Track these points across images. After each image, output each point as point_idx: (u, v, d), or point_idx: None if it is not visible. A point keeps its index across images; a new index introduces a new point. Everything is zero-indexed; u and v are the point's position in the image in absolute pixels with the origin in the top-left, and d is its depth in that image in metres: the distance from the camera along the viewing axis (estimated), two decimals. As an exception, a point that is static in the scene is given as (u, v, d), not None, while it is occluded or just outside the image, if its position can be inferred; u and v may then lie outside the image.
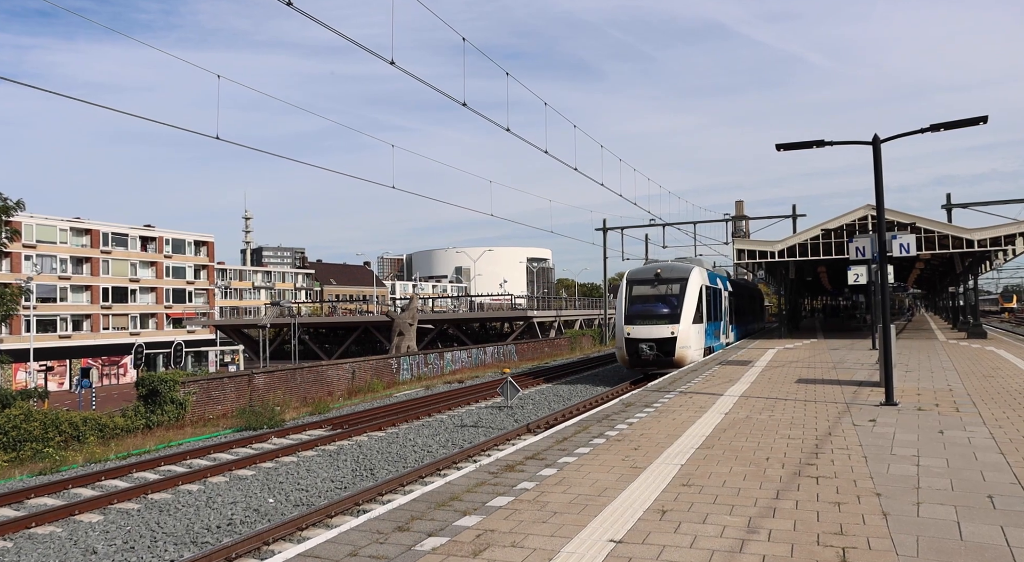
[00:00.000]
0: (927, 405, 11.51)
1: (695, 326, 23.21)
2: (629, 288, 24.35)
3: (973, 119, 11.48)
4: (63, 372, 69.69)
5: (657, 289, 23.85)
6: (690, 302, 23.16)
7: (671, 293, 23.47)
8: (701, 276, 24.49)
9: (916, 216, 27.22)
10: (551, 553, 5.15)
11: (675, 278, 23.77)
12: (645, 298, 23.84)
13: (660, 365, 22.68)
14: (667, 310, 23.04)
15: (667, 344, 22.59)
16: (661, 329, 22.71)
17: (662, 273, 24.09)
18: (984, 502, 6.11)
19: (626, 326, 23.31)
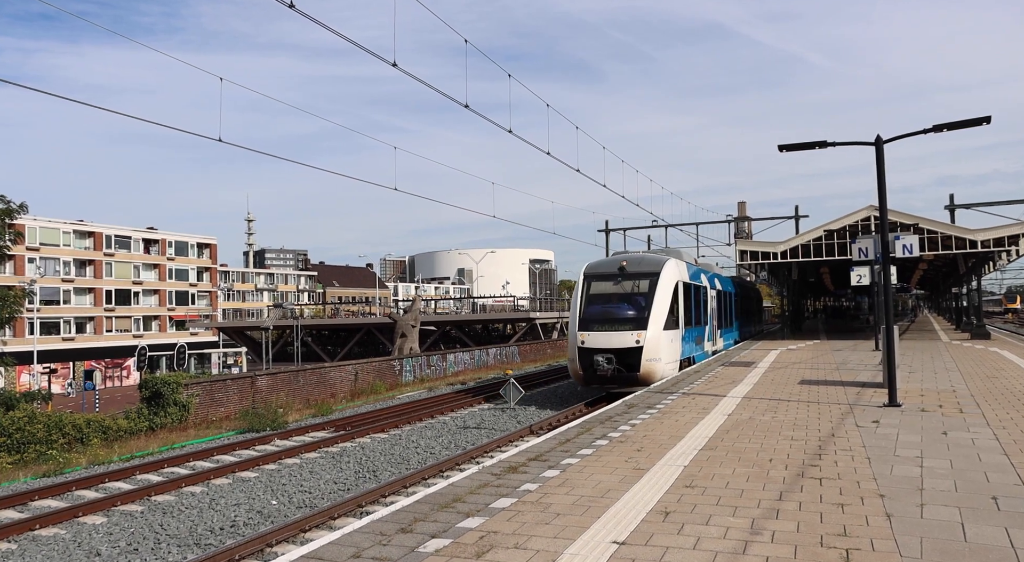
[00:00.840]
0: (931, 406, 11.49)
1: (668, 333, 18.97)
2: (586, 285, 20.06)
3: (976, 120, 11.46)
4: (66, 374, 69.82)
5: (621, 286, 19.57)
6: (661, 302, 18.90)
7: (638, 291, 19.23)
8: (678, 270, 20.46)
9: (919, 217, 27.18)
10: (554, 554, 5.15)
11: (644, 273, 19.52)
12: (605, 297, 19.52)
13: (622, 382, 18.44)
14: (632, 312, 18.80)
15: (630, 355, 18.29)
16: (623, 337, 18.40)
17: (628, 266, 19.77)
18: (988, 503, 6.09)
19: (580, 332, 18.96)
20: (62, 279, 75.55)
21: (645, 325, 18.43)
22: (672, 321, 19.37)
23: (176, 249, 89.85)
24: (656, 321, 18.63)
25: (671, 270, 19.93)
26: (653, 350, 18.27)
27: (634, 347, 18.24)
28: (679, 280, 20.18)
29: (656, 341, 18.41)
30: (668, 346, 19.00)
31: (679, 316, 20.04)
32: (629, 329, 18.48)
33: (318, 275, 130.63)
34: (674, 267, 20.23)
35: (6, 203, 23.73)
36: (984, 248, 26.50)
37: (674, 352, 19.59)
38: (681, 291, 20.23)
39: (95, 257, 79.45)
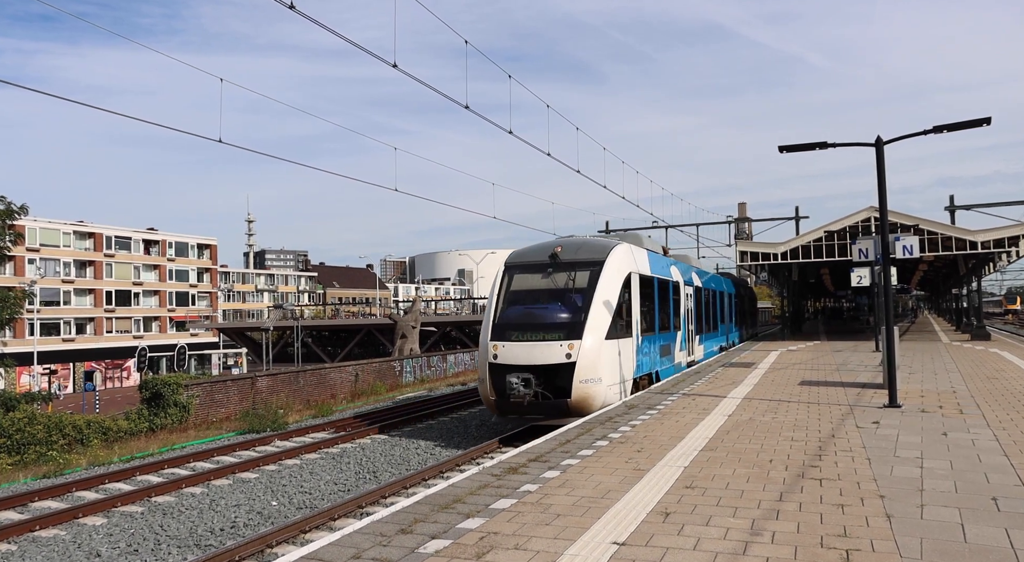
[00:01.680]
0: (931, 407, 11.49)
1: (613, 343, 14.37)
2: (506, 279, 15.36)
3: (976, 120, 11.46)
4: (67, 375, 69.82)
5: (551, 280, 14.84)
6: (605, 301, 14.28)
7: (573, 287, 14.50)
8: (631, 259, 15.84)
9: (919, 218, 27.19)
10: (554, 555, 5.15)
11: (583, 262, 14.85)
12: (529, 295, 14.87)
13: (547, 411, 13.74)
14: (563, 315, 14.11)
15: (558, 375, 13.59)
16: (548, 349, 13.69)
17: (562, 254, 15.06)
18: (988, 504, 6.09)
19: (492, 343, 14.19)
20: (62, 280, 75.58)
21: (580, 332, 13.69)
22: (621, 327, 14.75)
23: (176, 250, 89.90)
24: (596, 327, 13.88)
25: (621, 258, 15.25)
26: (590, 367, 13.53)
27: (563, 363, 13.52)
28: (633, 271, 15.57)
29: (595, 354, 13.64)
30: (613, 361, 14.28)
31: (633, 319, 15.46)
32: (557, 338, 13.76)
33: (318, 276, 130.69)
34: (625, 255, 15.59)
35: (6, 204, 23.75)
36: (984, 249, 26.51)
37: (623, 368, 14.77)
38: (636, 286, 15.79)
39: (95, 258, 79.48)
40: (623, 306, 15.01)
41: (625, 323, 15.15)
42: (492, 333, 14.40)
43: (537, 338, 13.95)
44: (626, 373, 15.02)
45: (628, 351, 15.23)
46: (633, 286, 15.69)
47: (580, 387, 13.48)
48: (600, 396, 13.66)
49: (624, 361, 14.92)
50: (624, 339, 15.01)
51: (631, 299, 15.53)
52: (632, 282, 15.63)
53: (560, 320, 14.11)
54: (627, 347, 15.19)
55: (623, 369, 14.83)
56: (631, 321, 15.47)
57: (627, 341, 15.21)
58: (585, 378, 13.51)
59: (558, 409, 13.62)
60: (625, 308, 15.19)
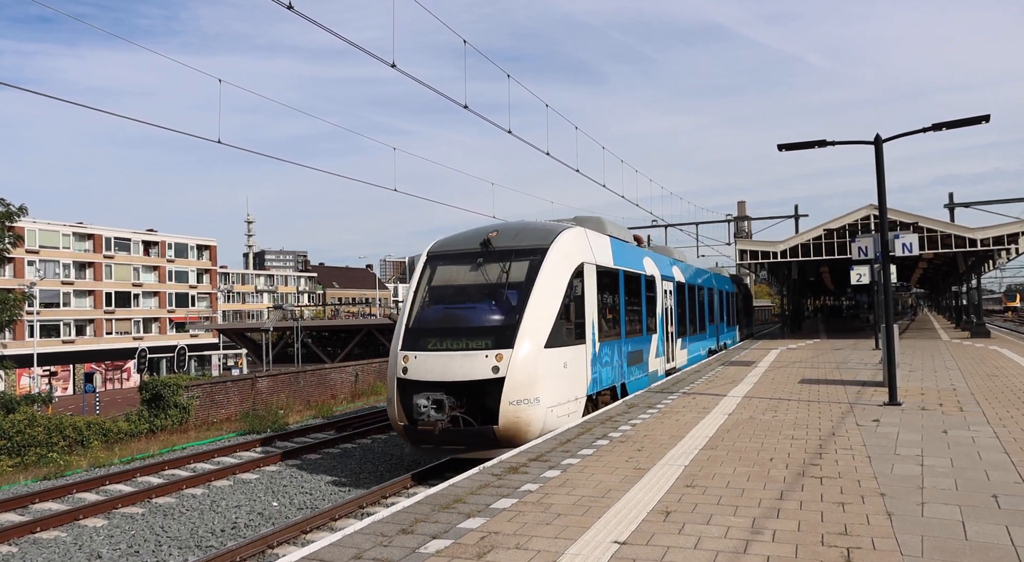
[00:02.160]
0: (931, 405, 11.49)
1: (558, 352, 11.53)
2: (427, 273, 12.73)
3: (975, 118, 11.47)
4: (67, 377, 69.82)
5: (481, 273, 12.19)
6: (545, 300, 11.52)
7: (507, 282, 11.87)
8: (583, 247, 12.95)
9: (918, 215, 27.21)
10: (555, 555, 5.15)
11: (522, 250, 12.15)
12: (453, 293, 12.28)
13: (468, 442, 11.03)
14: (493, 317, 11.46)
15: (482, 395, 11.01)
16: (470, 361, 10.99)
17: (497, 241, 12.42)
18: (989, 501, 6.10)
19: (402, 353, 11.53)
20: (62, 281, 75.56)
21: (511, 339, 10.95)
22: (569, 331, 11.97)
23: (176, 251, 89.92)
24: (533, 331, 11.11)
25: (570, 245, 12.49)
26: (524, 384, 10.76)
27: (489, 380, 10.79)
28: (587, 262, 12.79)
29: (531, 367, 10.88)
30: (557, 375, 11.43)
31: (587, 321, 12.58)
32: (483, 347, 11.01)
33: (318, 276, 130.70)
34: (577, 241, 12.83)
35: (6, 206, 23.75)
36: (984, 246, 26.52)
37: (572, 384, 11.93)
38: (593, 280, 12.96)
39: (95, 259, 79.47)
40: (572, 305, 12.10)
41: (575, 326, 12.16)
42: (403, 341, 11.66)
43: (458, 346, 11.13)
44: (577, 389, 12.07)
45: (579, 361, 12.24)
46: (588, 280, 12.75)
47: (510, 410, 10.61)
48: (537, 421, 10.79)
49: (573, 374, 11.97)
50: (573, 346, 12.02)
51: (584, 296, 12.57)
52: (586, 275, 12.71)
53: (487, 323, 11.33)
54: (578, 356, 12.17)
55: (572, 385, 11.90)
56: (584, 323, 12.49)
57: (577, 349, 12.18)
58: (517, 398, 10.64)
59: (481, 439, 10.80)
60: (575, 307, 12.23)
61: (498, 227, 13.11)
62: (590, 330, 12.79)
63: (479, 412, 11.09)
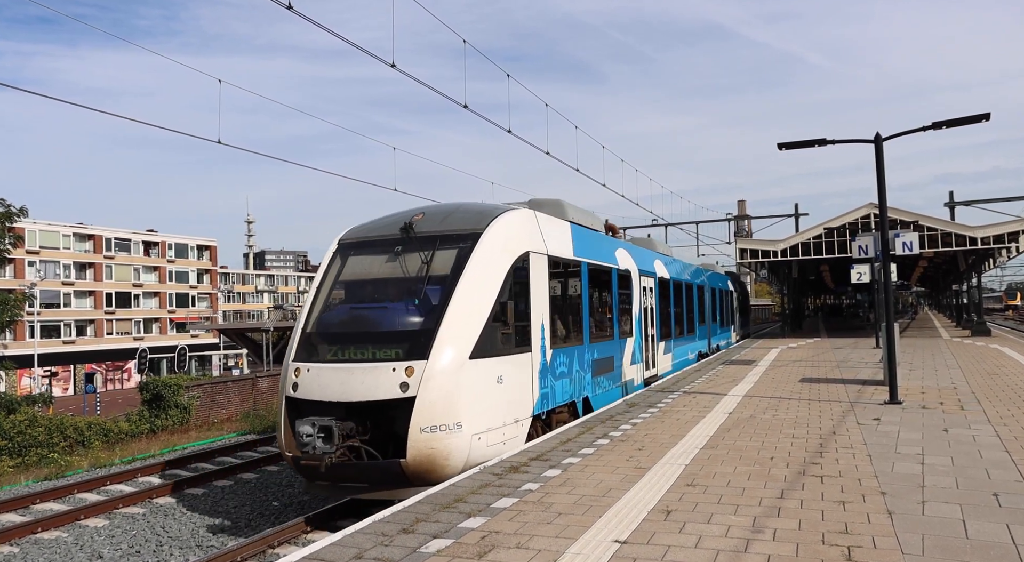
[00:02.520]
0: (931, 403, 11.49)
1: (488, 364, 9.26)
2: (336, 264, 10.65)
3: (975, 116, 11.46)
4: (67, 377, 69.85)
5: (399, 265, 9.99)
6: (474, 298, 9.34)
7: (428, 275, 9.69)
8: (529, 234, 10.72)
9: (919, 214, 27.21)
10: (556, 554, 5.15)
11: (449, 236, 9.98)
12: (364, 289, 10.22)
13: (370, 479, 8.75)
14: (406, 319, 9.34)
15: (390, 419, 8.86)
16: (373, 376, 8.78)
17: (420, 225, 10.27)
18: (989, 500, 6.10)
19: (294, 365, 9.41)
20: (62, 282, 75.60)
21: (426, 347, 8.72)
22: (506, 336, 9.67)
23: (176, 251, 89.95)
24: (455, 337, 8.87)
25: (511, 231, 10.21)
26: (442, 405, 8.53)
27: (395, 400, 8.57)
28: (534, 251, 10.49)
29: (450, 382, 8.64)
30: (489, 392, 9.18)
31: (533, 324, 10.28)
32: (391, 357, 8.80)
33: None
34: (522, 226, 10.56)
35: (6, 206, 23.75)
36: (984, 245, 26.52)
37: (512, 403, 9.63)
38: (540, 274, 10.67)
39: (95, 260, 79.51)
40: (512, 303, 9.84)
41: (516, 330, 9.92)
42: (296, 349, 9.50)
43: (361, 357, 8.92)
44: (517, 409, 9.75)
45: (521, 374, 9.91)
46: (536, 272, 10.49)
47: (422, 441, 8.32)
48: (458, 452, 8.52)
49: (513, 391, 9.65)
50: (513, 355, 9.75)
51: (531, 292, 10.30)
52: (534, 267, 10.44)
53: (398, 328, 9.13)
54: (519, 368, 9.86)
55: (510, 404, 9.57)
56: (529, 326, 10.21)
57: (519, 359, 9.88)
58: (431, 424, 8.38)
59: (386, 476, 8.50)
60: (516, 306, 9.97)
61: (426, 209, 10.87)
62: (538, 334, 10.48)
63: (386, 441, 8.76)
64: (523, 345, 10.15)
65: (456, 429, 8.62)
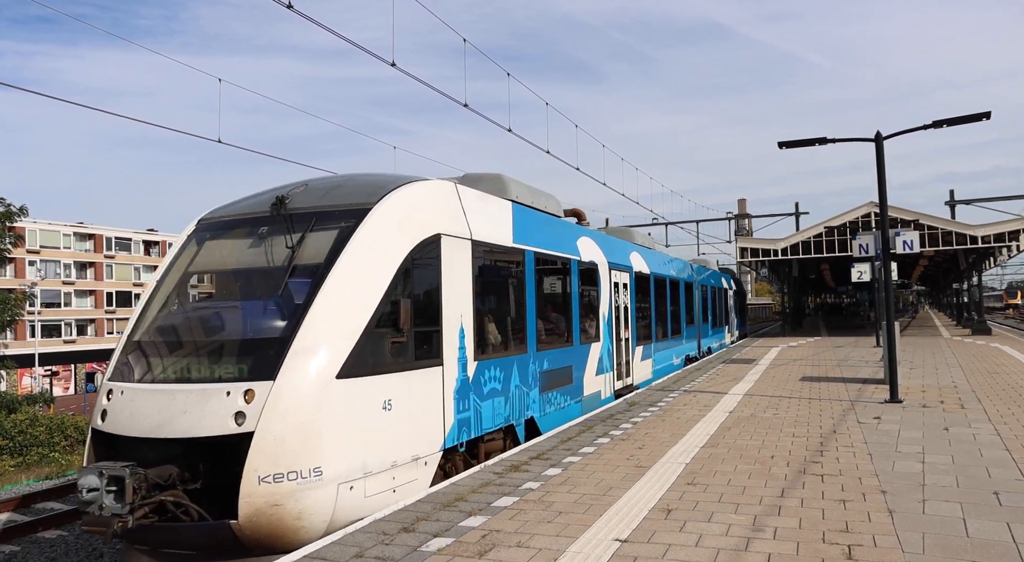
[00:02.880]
0: (932, 402, 11.49)
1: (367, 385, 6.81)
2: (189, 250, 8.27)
3: (976, 115, 11.46)
4: (68, 377, 69.89)
5: (265, 252, 7.57)
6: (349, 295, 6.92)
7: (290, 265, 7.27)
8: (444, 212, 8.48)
9: (919, 213, 27.23)
10: (556, 553, 5.15)
11: (330, 213, 7.62)
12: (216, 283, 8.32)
13: (196, 546, 6.19)
14: (259, 324, 6.93)
15: (221, 462, 6.24)
16: (199, 404, 6.24)
17: (295, 201, 7.89)
18: (990, 499, 6.10)
19: (109, 384, 6.93)
20: (63, 281, 75.66)
21: (274, 364, 6.45)
22: (402, 347, 7.43)
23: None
24: (316, 347, 6.56)
25: (412, 207, 7.99)
26: (291, 444, 6.21)
27: (226, 438, 6.21)
28: (445, 234, 8.27)
29: (304, 412, 6.33)
30: (371, 423, 6.93)
31: (446, 328, 8.12)
32: (226, 376, 6.53)
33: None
34: (427, 201, 8.32)
35: (6, 206, 23.74)
36: (984, 244, 26.53)
37: (407, 436, 7.41)
38: (459, 263, 8.50)
39: (95, 259, 79.56)
40: (410, 302, 7.39)
41: (419, 337, 7.59)
42: (116, 364, 7.24)
43: (188, 375, 6.67)
44: (418, 443, 7.44)
45: (425, 396, 7.60)
46: (451, 262, 8.17)
47: (263, 495, 6.07)
48: (319, 509, 6.32)
49: (410, 418, 7.35)
50: (412, 371, 7.43)
51: (443, 288, 7.97)
52: (447, 254, 8.10)
53: (242, 335, 6.86)
54: (421, 388, 7.54)
55: (407, 437, 7.29)
56: (439, 332, 7.92)
57: (421, 375, 7.56)
58: (276, 470, 6.12)
59: (213, 542, 6.20)
60: (419, 306, 7.61)
61: (313, 180, 8.57)
62: (454, 342, 8.14)
63: (219, 493, 6.28)
64: (429, 357, 7.71)
65: (313, 477, 6.21)
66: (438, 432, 7.88)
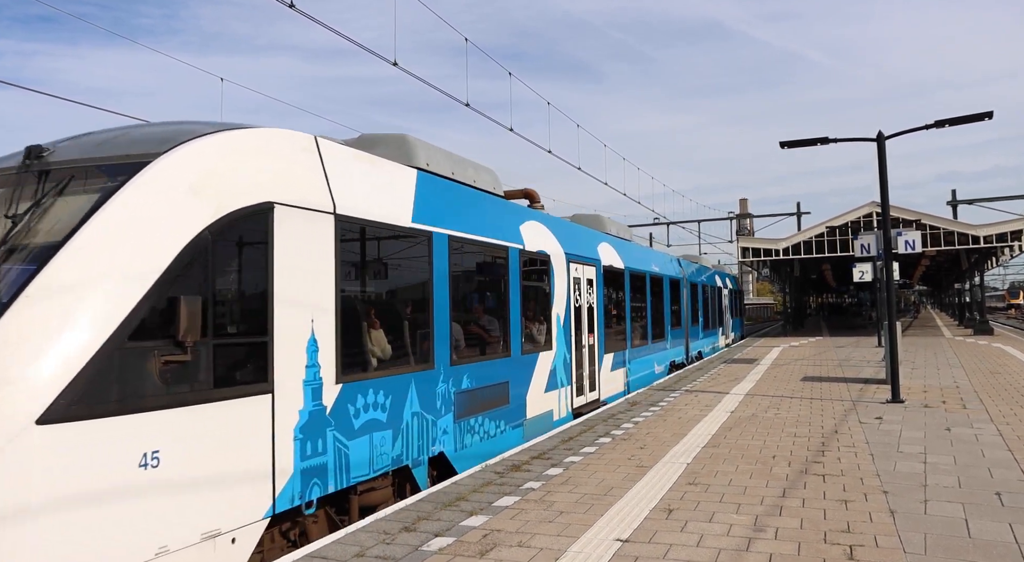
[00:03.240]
0: (934, 402, 11.48)
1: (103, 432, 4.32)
2: None
3: (978, 115, 11.45)
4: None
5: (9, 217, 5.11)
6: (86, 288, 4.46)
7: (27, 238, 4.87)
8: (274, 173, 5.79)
9: (921, 213, 27.21)
10: (557, 552, 5.15)
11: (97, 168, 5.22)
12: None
13: None
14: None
15: None
16: None
17: (59, 153, 5.52)
18: (992, 499, 6.09)
19: None
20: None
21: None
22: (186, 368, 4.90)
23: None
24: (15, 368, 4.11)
25: (214, 162, 5.42)
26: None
27: None
28: (279, 202, 5.78)
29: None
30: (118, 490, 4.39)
31: (281, 340, 5.68)
32: None
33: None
34: (247, 156, 5.70)
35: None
36: (986, 243, 26.50)
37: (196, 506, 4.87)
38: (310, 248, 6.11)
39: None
40: (209, 301, 5.17)
41: (223, 353, 5.27)
42: None
43: None
44: (219, 512, 5.10)
45: (235, 439, 5.28)
46: (292, 244, 5.96)
47: None
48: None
49: (190, 480, 4.90)
50: (208, 405, 5.08)
51: (275, 281, 5.75)
52: (285, 233, 5.88)
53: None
54: (217, 430, 5.13)
55: (195, 507, 4.92)
56: (267, 345, 5.66)
57: (225, 411, 5.20)
58: None
59: None
60: (227, 306, 5.42)
61: (105, 131, 6.09)
62: (298, 358, 5.92)
63: None
64: (246, 381, 5.42)
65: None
66: (261, 491, 5.47)
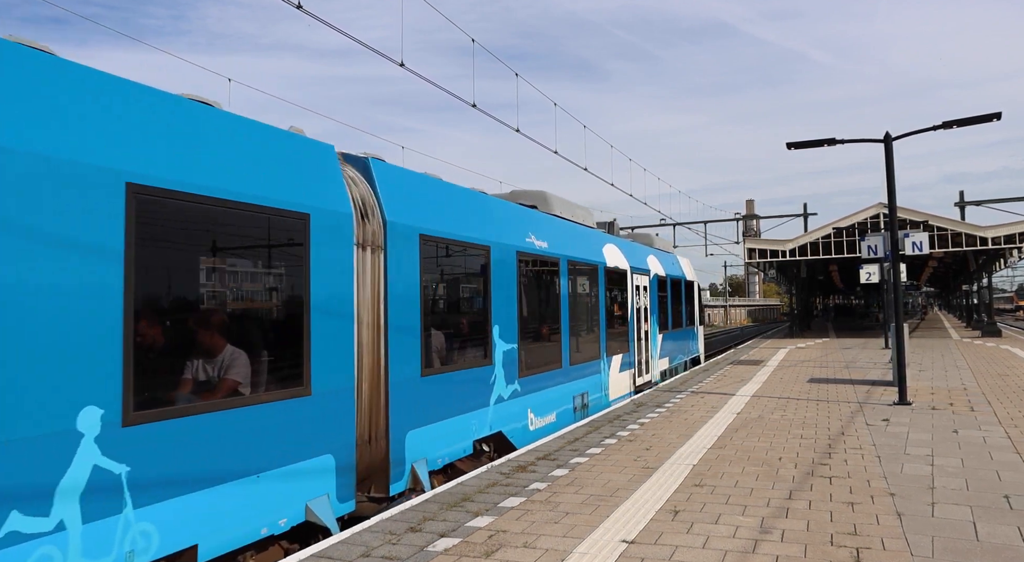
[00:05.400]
0: (941, 404, 11.43)
1: None
2: None
3: (986, 116, 11.40)
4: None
5: None
6: None
7: None
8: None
9: (928, 214, 27.10)
10: (563, 553, 5.15)
11: None
12: None
13: None
14: None
15: None
16: None
17: None
18: (1000, 502, 6.06)
19: None
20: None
21: None
22: None
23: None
24: None
25: None
26: None
27: None
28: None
29: None
30: None
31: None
32: None
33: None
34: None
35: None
36: (994, 245, 26.38)
37: None
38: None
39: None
40: None
41: None
42: None
43: None
44: None
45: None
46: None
47: None
48: None
49: None
50: None
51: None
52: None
53: None
54: None
55: None
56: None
57: None
58: None
59: None
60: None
61: None
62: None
63: None
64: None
65: None
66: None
